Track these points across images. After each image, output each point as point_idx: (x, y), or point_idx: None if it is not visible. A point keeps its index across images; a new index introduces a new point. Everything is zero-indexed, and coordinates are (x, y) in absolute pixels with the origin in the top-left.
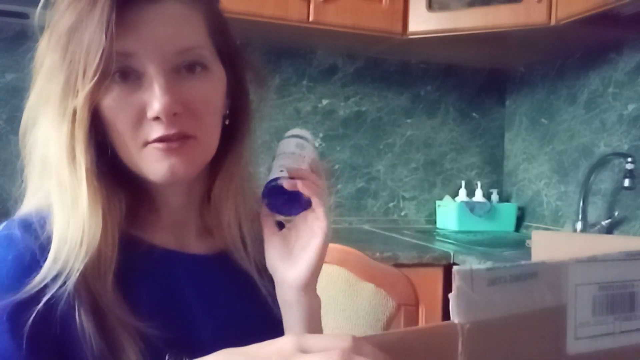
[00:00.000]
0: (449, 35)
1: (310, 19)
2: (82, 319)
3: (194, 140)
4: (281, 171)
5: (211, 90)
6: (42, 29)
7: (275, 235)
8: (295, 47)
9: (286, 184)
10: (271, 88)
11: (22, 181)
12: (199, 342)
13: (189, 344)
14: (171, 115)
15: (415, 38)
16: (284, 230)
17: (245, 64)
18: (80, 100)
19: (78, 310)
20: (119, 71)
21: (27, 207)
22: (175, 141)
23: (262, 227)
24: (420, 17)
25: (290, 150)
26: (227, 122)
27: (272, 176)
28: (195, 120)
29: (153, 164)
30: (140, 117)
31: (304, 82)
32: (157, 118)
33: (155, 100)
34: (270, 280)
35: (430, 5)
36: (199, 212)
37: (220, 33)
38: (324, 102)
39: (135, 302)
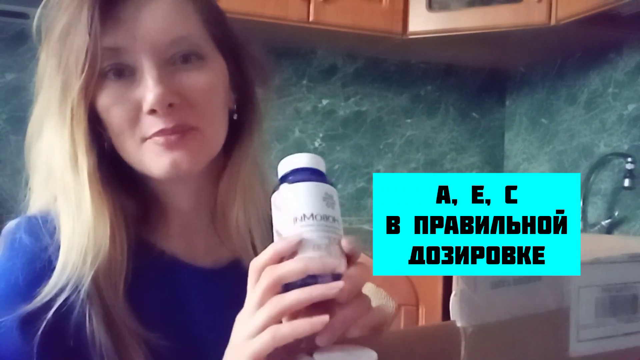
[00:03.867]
0: (449, 35)
1: (310, 19)
2: (94, 327)
3: (195, 131)
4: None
5: (209, 79)
6: (39, 30)
7: None
8: (295, 47)
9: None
10: (277, 83)
11: (26, 191)
12: (203, 356)
13: (193, 357)
14: (166, 106)
15: (415, 38)
16: None
17: (249, 56)
18: (75, 100)
19: (89, 317)
20: (113, 69)
21: (31, 209)
22: (174, 134)
23: None
24: (420, 17)
25: (321, 215)
26: (235, 117)
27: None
28: (194, 111)
29: (154, 159)
30: (137, 114)
31: (304, 82)
32: (153, 111)
33: (149, 92)
34: None
35: (430, 5)
36: (210, 219)
37: (216, 24)
38: (324, 102)
39: (143, 311)
